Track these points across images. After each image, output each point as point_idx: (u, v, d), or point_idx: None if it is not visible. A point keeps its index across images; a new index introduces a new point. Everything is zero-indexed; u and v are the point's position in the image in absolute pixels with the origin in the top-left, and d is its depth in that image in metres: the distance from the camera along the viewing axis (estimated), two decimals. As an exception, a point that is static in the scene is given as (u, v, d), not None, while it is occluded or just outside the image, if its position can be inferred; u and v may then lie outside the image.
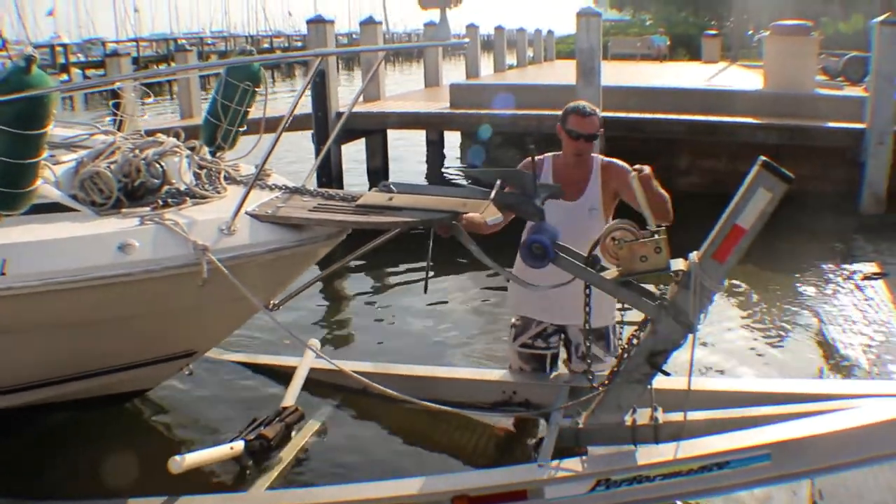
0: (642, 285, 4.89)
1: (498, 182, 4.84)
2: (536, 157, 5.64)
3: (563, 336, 5.99)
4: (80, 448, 6.26)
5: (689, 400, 4.91)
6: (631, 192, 5.23)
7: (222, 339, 6.74)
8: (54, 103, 4.95)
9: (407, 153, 20.42)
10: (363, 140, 17.40)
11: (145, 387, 6.54)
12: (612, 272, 4.79)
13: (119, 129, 6.90)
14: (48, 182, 5.24)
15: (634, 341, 4.92)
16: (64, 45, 66.01)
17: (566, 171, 5.65)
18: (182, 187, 5.53)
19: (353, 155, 17.45)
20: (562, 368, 6.20)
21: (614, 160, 5.70)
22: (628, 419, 5.04)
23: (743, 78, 21.64)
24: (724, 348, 7.95)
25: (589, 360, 5.17)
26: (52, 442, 6.39)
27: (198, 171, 5.94)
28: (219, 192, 5.65)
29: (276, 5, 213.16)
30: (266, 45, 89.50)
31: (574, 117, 5.55)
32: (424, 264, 5.48)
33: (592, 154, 5.70)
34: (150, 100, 7.64)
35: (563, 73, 22.91)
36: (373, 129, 16.94)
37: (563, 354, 6.15)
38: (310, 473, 5.90)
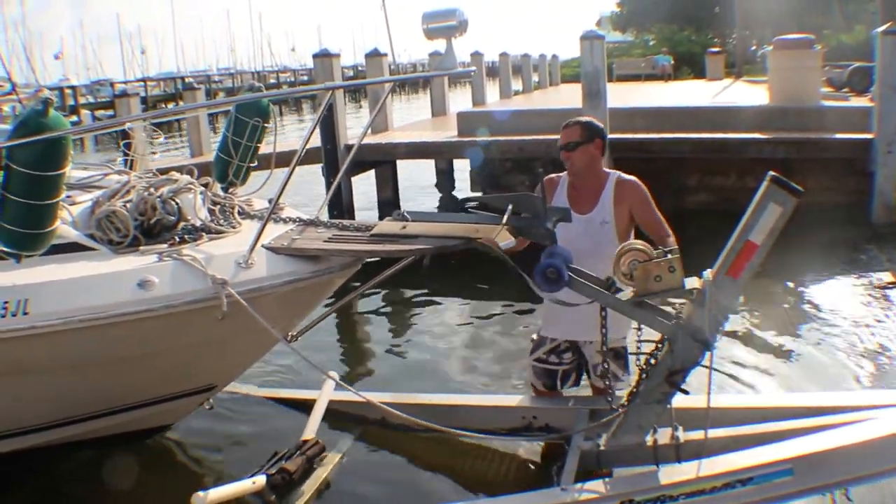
0: (658, 305, 4.92)
1: (509, 207, 4.89)
2: (553, 176, 5.71)
3: (576, 354, 6.00)
4: (102, 486, 6.27)
5: (709, 417, 4.92)
6: (642, 216, 5.31)
7: (242, 372, 6.76)
8: (71, 145, 5.01)
9: (417, 183, 20.46)
10: (372, 171, 17.44)
11: (167, 422, 6.56)
12: (626, 293, 4.82)
13: (131, 169, 6.96)
14: (65, 222, 5.29)
15: (652, 361, 4.93)
16: (73, 87, 66.45)
17: (579, 185, 5.71)
18: (198, 223, 5.59)
19: (363, 186, 17.50)
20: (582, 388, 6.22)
21: (633, 179, 5.74)
22: (649, 439, 5.05)
23: (748, 93, 21.65)
24: (742, 364, 7.94)
25: (608, 380, 5.20)
26: (75, 480, 6.42)
27: (212, 206, 6.00)
28: (234, 227, 5.71)
29: (280, 41, 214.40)
30: (272, 81, 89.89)
31: (560, 132, 5.64)
32: (439, 292, 5.50)
33: (610, 171, 5.75)
34: (160, 139, 7.68)
35: (568, 96, 22.95)
36: (382, 160, 16.99)
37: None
38: (333, 507, 5.92)
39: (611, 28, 65.39)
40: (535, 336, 6.18)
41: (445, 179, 20.76)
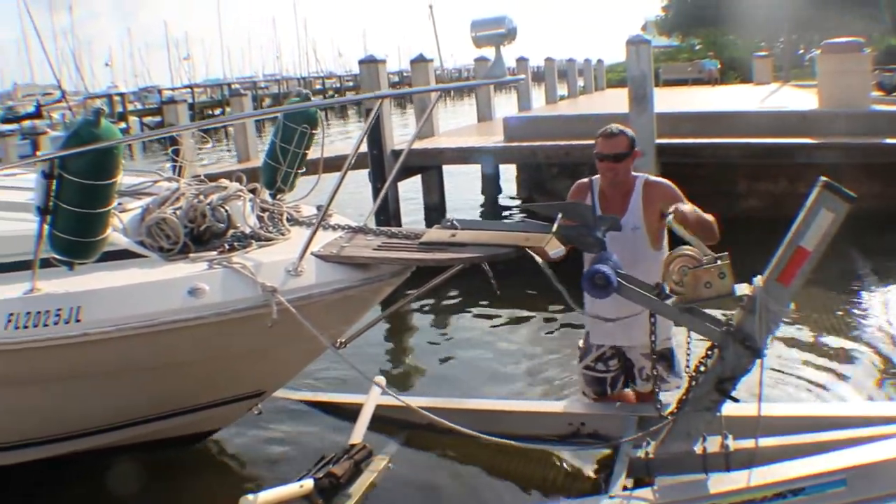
0: (707, 311, 4.89)
1: (559, 215, 4.88)
2: (584, 180, 5.70)
3: (621, 359, 5.98)
4: (152, 489, 6.32)
5: (759, 426, 4.88)
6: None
7: (291, 379, 6.79)
8: (122, 153, 5.06)
9: (463, 188, 20.46)
10: (418, 177, 17.47)
11: (215, 427, 6.61)
12: (676, 299, 4.79)
13: (179, 175, 7.02)
14: (116, 230, 5.34)
15: (702, 368, 4.90)
16: (121, 94, 67.31)
17: (609, 192, 5.70)
18: (247, 230, 5.62)
19: (409, 192, 17.53)
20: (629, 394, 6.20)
21: (660, 180, 5.73)
22: (699, 448, 5.01)
23: (796, 98, 21.47)
24: (794, 372, 7.85)
25: (657, 384, 5.19)
26: (125, 484, 6.46)
27: (261, 213, 6.03)
28: (283, 234, 5.73)
29: (326, 46, 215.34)
30: (318, 86, 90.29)
31: (600, 140, 5.67)
32: (487, 299, 5.49)
33: (637, 173, 5.73)
34: (208, 145, 7.73)
35: (614, 101, 22.86)
36: (428, 166, 17.01)
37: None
38: (379, 511, 5.93)
39: (656, 32, 65.12)
40: (581, 344, 6.18)
41: (491, 185, 20.74)
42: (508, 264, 4.91)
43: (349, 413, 7.03)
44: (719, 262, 4.63)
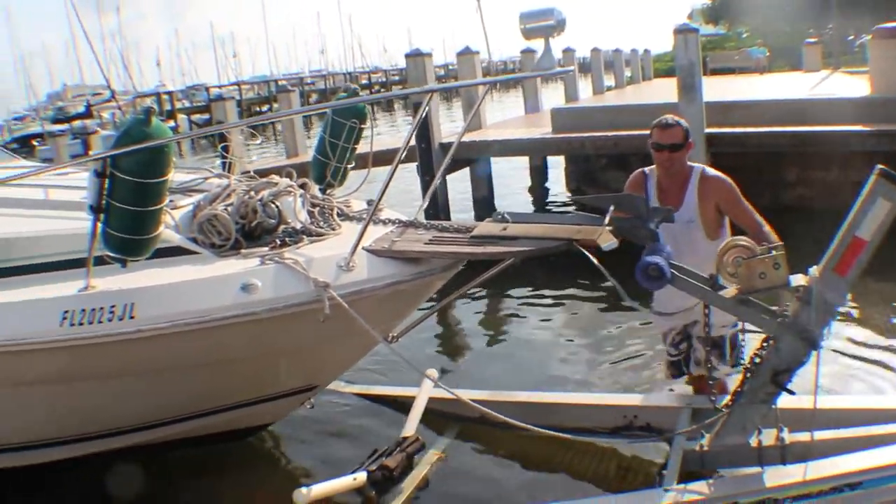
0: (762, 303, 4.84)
1: (611, 207, 4.85)
2: (645, 169, 5.67)
3: (687, 341, 6.01)
4: (206, 481, 6.42)
5: (815, 419, 4.83)
6: (732, 212, 5.25)
7: (343, 373, 6.81)
8: (173, 151, 5.10)
9: (510, 181, 20.41)
10: (467, 170, 17.44)
11: (267, 421, 6.65)
12: (730, 290, 4.74)
13: (229, 171, 7.06)
14: (168, 227, 5.39)
15: (757, 360, 4.85)
16: (169, 93, 68.11)
17: (665, 183, 5.68)
18: (298, 226, 5.64)
19: (457, 184, 17.51)
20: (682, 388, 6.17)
21: (718, 175, 5.68)
22: (754, 440, 4.98)
23: (847, 85, 21.12)
24: (850, 364, 7.73)
25: (709, 366, 5.17)
26: (178, 477, 6.55)
27: (311, 209, 6.05)
28: (333, 229, 5.75)
29: (371, 41, 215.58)
30: (364, 81, 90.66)
31: (656, 130, 5.66)
32: (539, 291, 5.47)
33: (694, 164, 5.69)
34: (258, 141, 7.78)
35: (662, 91, 22.66)
36: (476, 158, 16.98)
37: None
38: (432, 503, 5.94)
39: (703, 21, 64.54)
40: (661, 329, 6.25)
41: (539, 177, 20.67)
42: (560, 255, 4.89)
43: (402, 406, 7.06)
44: (774, 252, 4.58)
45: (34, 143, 48.43)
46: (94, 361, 5.17)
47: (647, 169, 5.83)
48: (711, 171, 5.73)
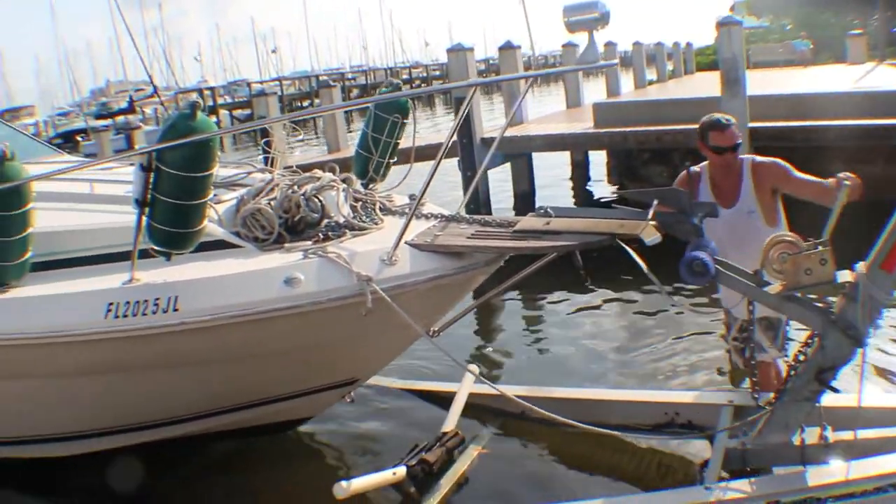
0: (808, 298, 4.79)
1: (655, 202, 4.83)
2: (692, 169, 5.63)
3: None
4: (246, 474, 6.46)
5: (860, 417, 4.78)
6: (792, 187, 5.20)
7: (383, 367, 6.83)
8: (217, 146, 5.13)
9: (552, 175, 20.35)
10: (507, 164, 17.42)
11: (308, 415, 6.67)
12: (776, 286, 4.70)
13: (271, 166, 7.09)
14: (212, 221, 5.43)
15: (801, 357, 4.81)
16: (211, 88, 68.61)
17: (720, 179, 5.63)
18: (341, 220, 5.66)
19: (498, 180, 17.49)
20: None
21: (767, 159, 5.68)
22: (796, 439, 4.94)
23: (893, 77, 20.86)
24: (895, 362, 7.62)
25: (755, 352, 5.19)
26: (220, 469, 6.61)
27: (354, 203, 6.06)
28: (376, 224, 5.76)
29: (412, 36, 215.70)
30: (405, 76, 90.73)
31: (714, 133, 5.58)
32: (582, 287, 5.46)
33: (743, 157, 5.67)
34: (300, 136, 7.82)
35: (704, 85, 22.52)
36: (518, 153, 16.94)
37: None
38: (472, 499, 5.94)
39: (745, 13, 63.86)
40: (724, 318, 6.24)
41: (581, 172, 20.60)
42: (602, 250, 4.86)
43: (442, 400, 7.07)
44: (820, 248, 4.53)
45: (78, 138, 48.91)
46: (138, 353, 5.23)
47: (695, 168, 5.78)
48: (759, 157, 5.73)
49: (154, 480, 6.25)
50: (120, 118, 49.51)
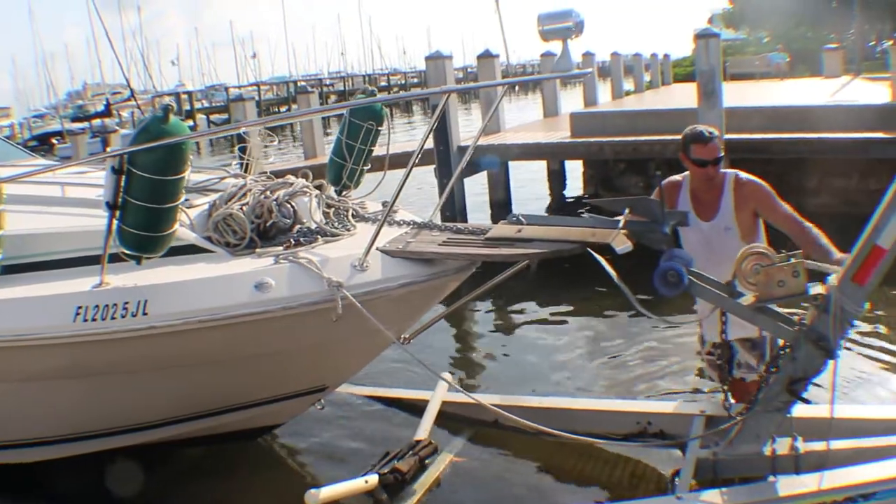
0: (779, 310, 4.80)
1: (626, 210, 4.83)
2: (674, 179, 5.61)
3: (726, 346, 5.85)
4: (215, 482, 6.44)
5: (831, 428, 4.79)
6: (771, 216, 5.20)
7: (354, 374, 6.80)
8: (190, 150, 5.10)
9: (528, 184, 20.38)
10: (484, 173, 17.42)
11: (277, 422, 6.63)
12: (748, 298, 4.71)
13: (246, 172, 7.07)
14: (184, 225, 5.40)
15: (773, 368, 4.81)
16: (188, 93, 68.42)
17: (701, 192, 5.60)
18: (313, 226, 5.64)
19: (475, 188, 17.50)
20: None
21: (750, 178, 5.58)
22: (768, 449, 4.93)
23: (869, 91, 20.97)
24: (867, 373, 7.68)
25: (745, 372, 5.17)
26: (189, 476, 6.58)
27: (327, 209, 6.05)
28: (348, 230, 5.74)
29: (390, 43, 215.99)
30: (383, 83, 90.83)
31: (696, 146, 5.50)
32: (554, 295, 5.45)
33: (726, 171, 5.62)
34: (274, 142, 7.79)
35: (681, 96, 22.65)
36: (486, 157, 16.94)
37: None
38: (444, 507, 5.91)
39: (723, 25, 64.22)
40: (699, 331, 6.11)
41: (557, 180, 20.64)
42: (575, 259, 4.86)
43: (413, 409, 7.06)
44: (793, 259, 4.54)
45: (54, 141, 48.77)
46: (106, 357, 5.19)
47: (677, 177, 5.75)
48: (744, 175, 5.62)
49: (121, 488, 6.19)
50: (96, 121, 49.32)
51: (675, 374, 7.88)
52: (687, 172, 5.71)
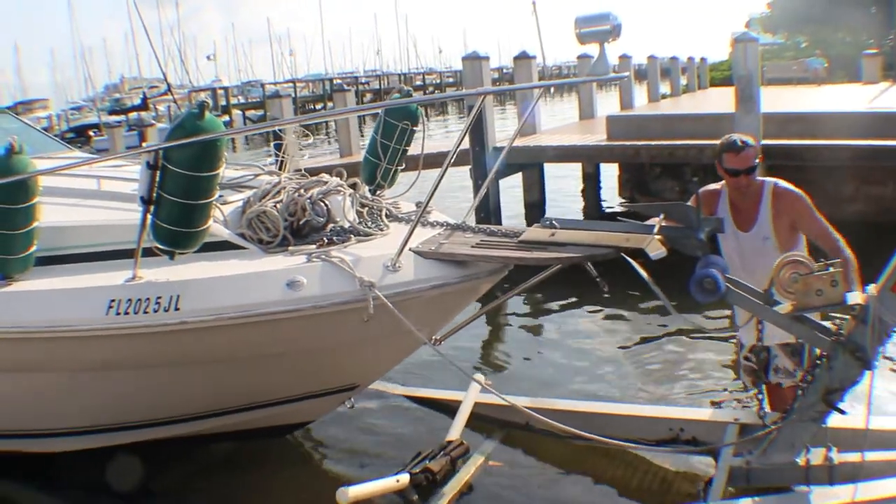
0: (816, 320, 4.75)
1: (660, 216, 4.79)
2: (712, 187, 5.56)
3: (765, 351, 5.72)
4: (244, 478, 6.45)
5: (867, 439, 4.73)
6: (807, 228, 5.13)
7: (384, 373, 6.80)
8: (225, 146, 5.12)
9: (562, 187, 20.33)
10: (519, 174, 17.40)
11: (307, 419, 6.64)
12: (786, 306, 4.65)
13: (281, 169, 7.08)
14: (217, 221, 5.42)
15: (809, 378, 4.76)
16: (224, 88, 68.78)
17: (738, 201, 5.52)
18: (346, 225, 5.64)
19: (509, 189, 17.46)
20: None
21: (789, 188, 5.48)
22: (801, 459, 4.88)
23: (908, 98, 20.78)
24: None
25: (782, 378, 5.10)
26: (218, 471, 6.60)
27: (360, 209, 6.05)
28: (381, 230, 5.74)
29: (426, 43, 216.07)
30: (418, 82, 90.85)
31: (729, 155, 5.42)
32: (587, 299, 5.41)
33: (765, 179, 5.54)
34: (309, 140, 7.81)
35: (718, 101, 22.50)
36: (529, 164, 16.93)
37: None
38: (474, 509, 5.89)
39: (760, 30, 63.69)
40: (738, 335, 6.02)
41: (592, 184, 20.56)
42: (611, 263, 4.83)
43: (444, 409, 7.05)
44: (831, 269, 4.48)
45: (90, 133, 49.17)
46: (138, 351, 5.24)
47: (715, 185, 5.68)
48: (783, 184, 5.52)
49: (153, 479, 6.24)
50: (133, 114, 49.67)
51: (709, 381, 7.82)
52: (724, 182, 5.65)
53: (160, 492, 6.31)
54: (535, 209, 17.11)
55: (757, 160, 5.43)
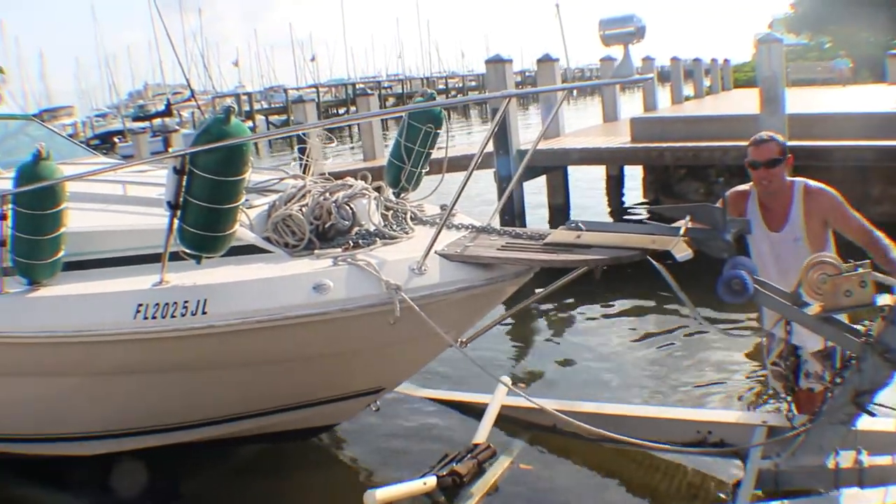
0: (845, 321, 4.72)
1: (686, 217, 4.77)
2: (740, 188, 5.54)
3: (795, 356, 5.73)
4: (271, 480, 6.46)
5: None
6: (842, 226, 5.09)
7: (410, 376, 6.81)
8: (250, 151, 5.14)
9: (586, 189, 20.30)
10: (543, 177, 17.38)
11: (333, 422, 6.66)
12: (814, 307, 4.62)
13: (305, 173, 7.10)
14: (243, 225, 5.43)
15: (838, 380, 4.73)
16: (248, 94, 69.00)
17: (767, 201, 5.50)
18: (371, 228, 5.64)
19: (533, 192, 17.45)
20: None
21: (820, 187, 5.47)
22: (831, 462, 4.85)
23: (934, 98, 20.63)
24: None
25: (813, 383, 5.18)
26: (245, 472, 6.62)
27: (385, 212, 6.06)
28: (407, 233, 5.74)
29: (448, 47, 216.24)
30: (441, 86, 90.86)
31: (751, 149, 5.47)
32: (613, 301, 5.39)
33: (795, 179, 5.51)
34: (333, 144, 7.84)
35: (742, 102, 22.42)
36: (553, 166, 16.92)
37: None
38: (502, 511, 5.89)
39: (784, 30, 63.38)
40: (764, 340, 5.99)
41: (615, 186, 20.52)
42: (634, 265, 4.81)
43: (469, 411, 7.05)
44: (860, 270, 4.45)
45: (115, 139, 49.53)
46: (166, 355, 5.25)
47: (744, 186, 5.66)
48: (813, 183, 5.51)
49: (181, 482, 6.27)
50: (157, 121, 50.00)
51: (736, 383, 7.80)
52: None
53: (187, 495, 6.35)
54: (559, 212, 17.10)
55: (781, 158, 5.41)
